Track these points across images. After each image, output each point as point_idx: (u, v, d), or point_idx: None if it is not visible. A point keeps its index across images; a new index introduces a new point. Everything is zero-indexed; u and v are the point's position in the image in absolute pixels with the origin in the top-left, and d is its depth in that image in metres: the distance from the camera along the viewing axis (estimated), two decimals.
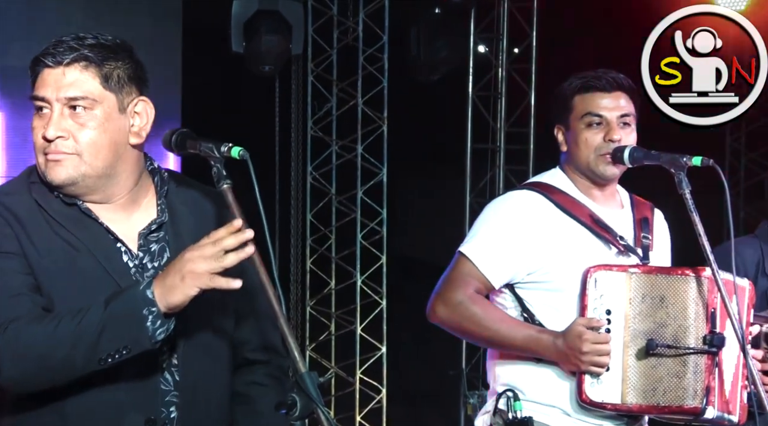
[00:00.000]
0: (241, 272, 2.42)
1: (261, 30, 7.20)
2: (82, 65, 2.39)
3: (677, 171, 3.07)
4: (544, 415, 3.17)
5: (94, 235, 2.42)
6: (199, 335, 2.48)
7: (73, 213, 2.44)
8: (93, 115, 2.39)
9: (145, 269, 2.45)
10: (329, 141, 7.92)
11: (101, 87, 2.40)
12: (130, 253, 2.45)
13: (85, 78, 2.39)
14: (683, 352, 3.04)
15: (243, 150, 2.33)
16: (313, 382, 2.14)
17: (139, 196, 2.50)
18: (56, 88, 2.39)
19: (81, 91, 2.39)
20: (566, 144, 3.30)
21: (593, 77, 3.26)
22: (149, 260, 2.47)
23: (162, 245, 2.49)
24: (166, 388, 2.44)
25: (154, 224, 2.49)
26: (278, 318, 2.22)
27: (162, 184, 2.53)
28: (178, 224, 2.51)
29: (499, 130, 8.37)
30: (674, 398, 3.06)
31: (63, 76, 2.39)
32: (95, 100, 2.39)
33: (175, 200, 2.53)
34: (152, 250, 2.48)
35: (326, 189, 7.94)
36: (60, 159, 2.38)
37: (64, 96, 2.39)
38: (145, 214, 2.50)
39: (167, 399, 2.44)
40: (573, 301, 3.14)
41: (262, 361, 2.63)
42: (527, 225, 3.19)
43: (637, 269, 3.13)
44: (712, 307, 3.06)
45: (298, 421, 2.14)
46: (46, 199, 2.44)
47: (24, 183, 2.48)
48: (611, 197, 3.33)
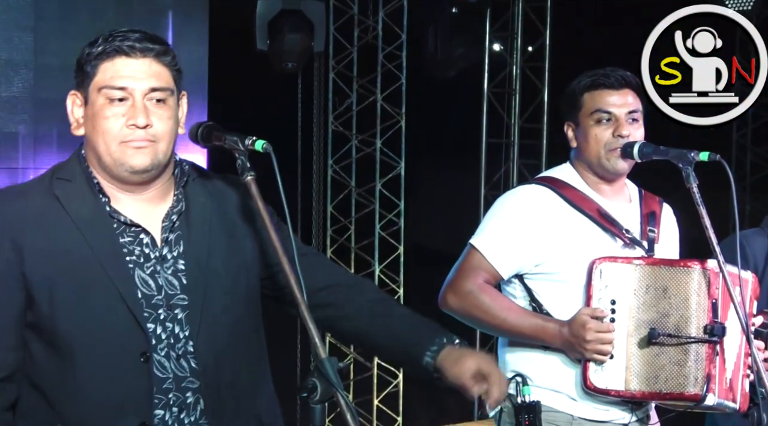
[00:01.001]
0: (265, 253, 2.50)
1: (284, 29, 7.20)
2: (161, 58, 2.41)
3: (685, 166, 3.08)
4: (552, 400, 3.21)
5: (107, 238, 2.40)
6: (216, 318, 2.46)
7: (91, 211, 2.42)
8: (168, 106, 2.42)
9: (165, 260, 2.44)
10: (349, 135, 7.91)
11: (172, 79, 2.44)
12: (152, 244, 2.44)
13: (163, 70, 2.42)
14: (685, 341, 3.05)
15: (267, 143, 2.33)
16: (333, 367, 2.13)
17: (167, 188, 2.50)
18: (137, 78, 2.39)
19: (163, 82, 2.41)
20: (576, 140, 3.31)
21: (602, 75, 3.27)
22: (168, 251, 2.45)
23: (178, 234, 2.47)
24: (182, 374, 2.42)
25: (173, 214, 2.47)
26: (300, 305, 2.21)
27: (181, 175, 2.51)
28: (191, 214, 2.49)
29: (513, 125, 8.41)
30: (675, 385, 3.07)
31: (147, 67, 2.40)
32: (171, 92, 2.43)
33: (192, 191, 2.52)
34: (170, 240, 2.46)
35: (346, 182, 7.95)
36: (144, 146, 2.38)
37: (149, 86, 2.40)
38: (168, 204, 2.49)
39: (183, 385, 2.42)
40: (579, 291, 3.16)
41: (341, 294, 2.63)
42: (535, 218, 3.21)
43: (641, 261, 3.13)
44: (714, 298, 3.07)
45: (319, 405, 2.13)
46: (69, 198, 2.42)
47: (46, 181, 2.45)
48: (619, 192, 3.34)
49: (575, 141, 3.33)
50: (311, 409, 2.15)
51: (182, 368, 2.43)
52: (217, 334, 2.46)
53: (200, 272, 2.46)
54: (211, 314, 2.45)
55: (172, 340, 2.42)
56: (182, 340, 2.43)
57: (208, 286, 2.46)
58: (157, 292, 2.43)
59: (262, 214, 2.31)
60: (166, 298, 2.43)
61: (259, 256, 2.55)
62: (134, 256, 2.43)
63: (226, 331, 2.48)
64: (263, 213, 2.31)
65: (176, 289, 2.44)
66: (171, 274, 2.45)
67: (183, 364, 2.43)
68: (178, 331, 2.43)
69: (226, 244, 2.51)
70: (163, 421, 2.41)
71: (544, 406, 3.20)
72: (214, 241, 2.49)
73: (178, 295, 2.44)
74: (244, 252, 2.54)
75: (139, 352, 2.39)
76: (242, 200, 2.53)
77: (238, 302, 2.52)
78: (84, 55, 2.43)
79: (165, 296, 2.43)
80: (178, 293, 2.44)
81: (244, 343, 2.53)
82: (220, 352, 2.46)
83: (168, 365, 2.42)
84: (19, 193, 2.48)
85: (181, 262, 2.46)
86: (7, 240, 2.37)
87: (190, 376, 2.44)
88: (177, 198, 2.50)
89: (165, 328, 2.42)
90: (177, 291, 2.44)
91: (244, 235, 2.54)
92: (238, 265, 2.53)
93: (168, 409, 2.42)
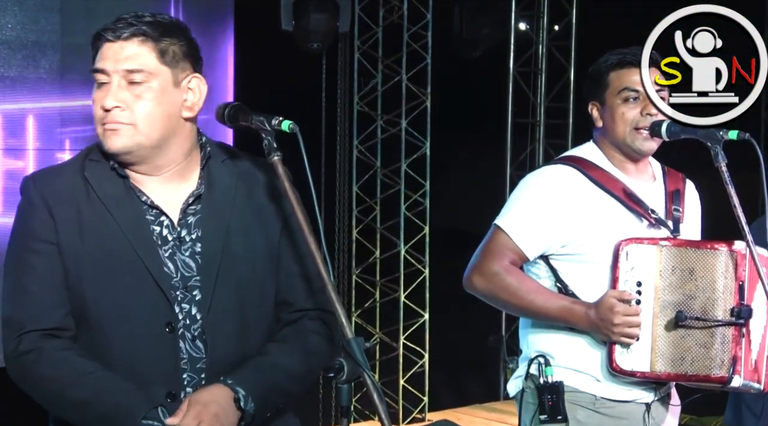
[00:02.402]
0: (291, 233, 2.53)
1: (309, 9, 7.19)
2: (140, 40, 2.43)
3: (713, 144, 3.06)
4: (575, 381, 3.21)
5: (133, 217, 2.46)
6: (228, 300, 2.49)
7: (118, 191, 2.47)
8: (149, 88, 2.43)
9: (183, 242, 2.48)
10: (374, 116, 7.89)
11: (157, 61, 2.44)
12: (171, 226, 2.48)
13: (142, 52, 2.43)
14: (711, 324, 3.06)
15: (293, 123, 2.35)
16: (360, 347, 2.15)
17: (189, 170, 2.52)
18: (115, 60, 2.43)
19: (138, 64, 2.43)
20: (602, 119, 3.29)
21: (628, 53, 3.25)
22: (186, 233, 2.49)
23: (198, 217, 2.50)
24: (197, 355, 2.46)
25: (192, 196, 2.51)
26: (326, 285, 2.23)
27: (205, 157, 2.54)
28: (212, 195, 2.52)
29: (539, 105, 8.41)
30: (702, 367, 3.07)
31: (122, 50, 2.43)
32: (151, 73, 2.43)
33: (217, 172, 2.54)
34: (189, 223, 2.50)
35: (371, 162, 7.92)
36: (117, 128, 2.42)
37: (122, 68, 2.42)
38: (190, 186, 2.52)
39: (198, 366, 2.47)
40: (605, 272, 3.16)
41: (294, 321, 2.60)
42: (561, 198, 3.21)
43: (667, 242, 3.14)
44: (741, 280, 3.06)
45: (345, 385, 2.14)
46: (98, 178, 2.48)
47: (79, 162, 2.52)
48: (644, 170, 3.33)
49: (600, 120, 3.32)
50: (338, 389, 2.16)
51: (197, 349, 2.48)
52: (228, 318, 2.49)
53: (216, 255, 2.49)
54: (223, 297, 2.48)
55: (188, 321, 2.47)
56: (198, 322, 2.47)
57: (221, 269, 2.49)
58: (175, 274, 2.47)
59: (289, 194, 2.34)
60: (182, 279, 2.47)
61: (282, 238, 2.57)
62: (154, 236, 2.48)
63: (236, 314, 2.51)
64: (290, 193, 2.34)
65: (192, 271, 2.49)
66: (188, 256, 2.49)
67: (198, 345, 2.48)
68: (195, 313, 2.48)
69: (252, 225, 2.54)
70: (178, 400, 2.44)
71: (566, 387, 3.21)
72: (235, 223, 2.53)
73: (195, 277, 2.49)
74: (272, 233, 2.57)
75: (164, 323, 2.44)
76: (270, 181, 2.55)
77: (254, 285, 2.54)
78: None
79: (181, 278, 2.47)
80: (194, 275, 2.49)
81: (252, 330, 2.55)
82: (228, 337, 2.49)
83: (183, 346, 2.47)
84: (54, 172, 2.55)
85: (199, 245, 2.50)
86: (45, 211, 2.45)
87: (205, 357, 2.48)
88: (200, 181, 2.53)
89: (182, 309, 2.47)
90: (193, 272, 2.49)
91: (271, 215, 2.56)
92: (263, 248, 2.55)
93: (183, 389, 2.46)
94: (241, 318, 2.51)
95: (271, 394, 2.49)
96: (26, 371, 2.43)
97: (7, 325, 2.45)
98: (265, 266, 2.55)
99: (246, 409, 2.42)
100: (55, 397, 2.43)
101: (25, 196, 2.50)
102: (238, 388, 2.42)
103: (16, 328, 2.43)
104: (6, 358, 2.44)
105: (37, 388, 2.43)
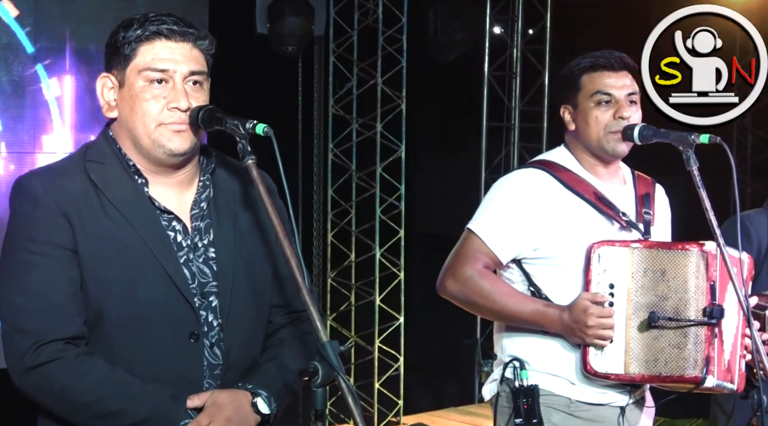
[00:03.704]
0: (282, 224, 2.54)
1: (284, 12, 7.21)
2: (199, 43, 2.43)
3: (685, 148, 3.06)
4: (550, 384, 3.21)
5: (150, 222, 2.41)
6: (243, 306, 2.49)
7: (130, 195, 2.42)
8: (204, 90, 2.43)
9: (197, 249, 2.45)
10: (350, 119, 7.90)
11: (206, 64, 2.45)
12: (185, 232, 2.45)
13: (200, 55, 2.43)
14: (684, 324, 3.06)
15: (267, 127, 2.32)
16: (335, 350, 2.13)
17: (195, 175, 2.51)
18: (179, 61, 2.39)
19: (200, 66, 2.42)
20: (574, 122, 3.29)
21: (600, 56, 3.26)
22: (199, 239, 2.47)
23: (207, 222, 2.49)
24: (215, 362, 2.44)
25: (202, 201, 2.49)
26: (301, 289, 2.20)
27: (208, 161, 2.52)
28: (219, 201, 2.50)
29: (514, 108, 8.45)
30: (675, 368, 3.07)
31: (188, 51, 2.40)
32: (207, 77, 2.44)
33: (219, 177, 2.53)
34: (200, 228, 2.48)
35: (347, 165, 7.93)
36: (183, 129, 2.40)
37: (189, 69, 2.40)
38: (194, 192, 2.50)
39: (216, 372, 2.45)
40: (578, 276, 3.16)
41: (289, 323, 2.61)
42: (532, 202, 3.21)
43: (639, 244, 3.14)
44: (712, 280, 3.07)
45: (320, 388, 2.14)
46: (105, 181, 2.41)
47: (80, 162, 2.44)
48: (615, 174, 3.34)
49: (573, 123, 3.32)
50: (313, 392, 2.15)
51: (215, 356, 2.45)
52: (243, 323, 2.49)
53: (229, 261, 2.48)
54: (239, 302, 2.48)
55: (206, 328, 2.44)
56: (216, 328, 2.45)
57: (236, 274, 2.48)
58: (191, 281, 2.44)
59: (264, 197, 2.30)
60: (199, 286, 2.44)
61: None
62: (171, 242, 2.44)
63: (249, 319, 2.51)
64: (264, 197, 2.30)
65: (208, 277, 2.47)
66: (203, 263, 2.47)
67: (216, 352, 2.45)
68: (212, 319, 2.45)
69: (253, 229, 2.55)
70: (197, 409, 2.40)
71: (541, 390, 3.21)
72: (241, 228, 2.52)
73: (211, 283, 2.47)
74: (269, 237, 2.56)
75: (188, 332, 2.41)
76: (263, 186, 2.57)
77: (263, 289, 2.55)
78: (119, 37, 2.42)
79: (198, 284, 2.44)
80: (210, 281, 2.46)
81: (258, 334, 2.56)
82: (243, 342, 2.49)
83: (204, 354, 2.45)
84: (57, 171, 2.46)
85: (212, 250, 2.48)
86: (60, 216, 2.37)
87: (221, 363, 2.46)
88: (204, 184, 2.51)
89: (200, 316, 2.44)
90: (209, 279, 2.47)
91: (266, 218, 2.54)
92: (264, 252, 2.55)
93: None
94: (252, 322, 2.52)
95: (286, 395, 2.51)
96: (48, 381, 2.33)
97: (23, 335, 2.33)
98: (267, 271, 2.56)
99: (270, 410, 2.42)
100: (81, 408, 2.34)
101: (30, 198, 2.39)
102: (260, 390, 2.43)
103: (34, 338, 2.32)
104: (20, 369, 2.34)
105: (61, 399, 2.35)
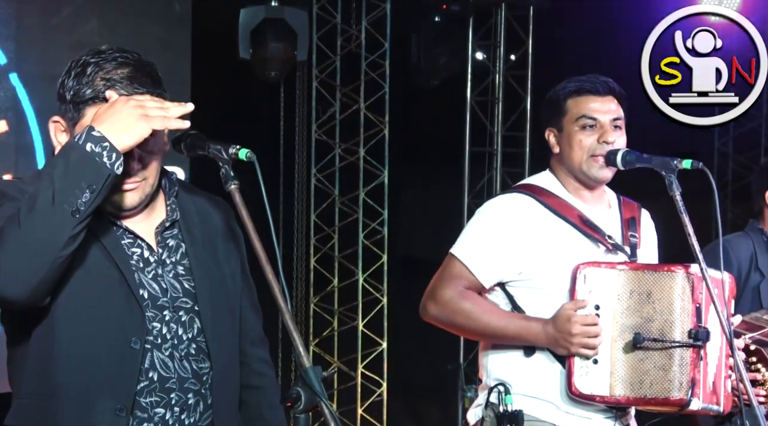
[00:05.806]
0: (245, 264, 2.58)
1: (267, 37, 7.24)
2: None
3: (668, 174, 3.08)
4: (535, 409, 3.19)
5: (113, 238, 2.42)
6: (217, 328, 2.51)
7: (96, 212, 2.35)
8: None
9: (165, 264, 2.48)
10: (332, 144, 7.93)
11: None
12: (151, 249, 2.47)
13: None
14: (669, 345, 3.05)
15: (250, 152, 2.33)
16: (317, 376, 2.13)
17: (158, 200, 2.53)
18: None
19: None
20: (558, 146, 3.31)
21: (586, 81, 3.28)
22: (167, 256, 2.50)
23: (177, 241, 2.52)
24: (185, 375, 2.46)
25: (168, 221, 2.51)
26: (284, 314, 2.20)
27: (171, 185, 2.55)
28: (188, 221, 2.54)
29: (497, 133, 8.44)
30: (660, 390, 3.06)
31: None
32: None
33: (183, 201, 2.56)
34: (169, 245, 2.51)
35: (329, 190, 7.95)
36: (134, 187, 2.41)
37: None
38: (158, 214, 2.52)
39: (185, 386, 2.46)
40: (563, 298, 3.15)
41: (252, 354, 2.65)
42: (516, 226, 3.21)
43: (625, 266, 3.14)
44: (697, 303, 3.06)
45: (303, 414, 2.12)
46: None
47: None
48: (599, 198, 3.34)
49: (557, 147, 3.33)
50: (295, 418, 2.14)
51: (185, 369, 2.47)
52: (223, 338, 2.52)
53: (200, 278, 2.51)
54: (217, 318, 2.51)
55: (175, 341, 2.46)
56: (185, 342, 2.48)
57: (211, 290, 2.52)
58: (163, 295, 2.47)
59: (246, 222, 2.31)
60: (171, 300, 2.47)
61: (240, 276, 2.62)
62: (133, 261, 2.45)
63: (229, 336, 2.55)
64: (247, 221, 2.31)
65: (179, 292, 2.49)
66: (173, 278, 2.49)
67: (185, 366, 2.47)
68: (181, 333, 2.48)
69: (220, 251, 2.58)
70: (164, 420, 2.43)
71: (526, 416, 3.19)
72: (208, 249, 2.56)
73: (181, 298, 2.49)
74: (236, 261, 2.60)
75: (131, 337, 2.39)
76: (225, 217, 2.59)
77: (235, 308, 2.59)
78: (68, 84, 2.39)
79: (170, 298, 2.47)
80: (180, 296, 2.49)
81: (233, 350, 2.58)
82: (216, 356, 2.51)
83: (171, 365, 2.45)
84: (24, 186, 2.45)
85: (180, 267, 2.51)
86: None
87: (192, 378, 2.48)
88: (171, 208, 2.53)
89: (170, 329, 2.46)
90: (180, 294, 2.49)
91: (224, 255, 2.59)
92: (235, 271, 2.60)
93: (170, 408, 2.45)
94: (232, 338, 2.57)
95: None
96: None
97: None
98: (238, 291, 2.60)
99: None
100: None
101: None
102: None
103: None
104: None
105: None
